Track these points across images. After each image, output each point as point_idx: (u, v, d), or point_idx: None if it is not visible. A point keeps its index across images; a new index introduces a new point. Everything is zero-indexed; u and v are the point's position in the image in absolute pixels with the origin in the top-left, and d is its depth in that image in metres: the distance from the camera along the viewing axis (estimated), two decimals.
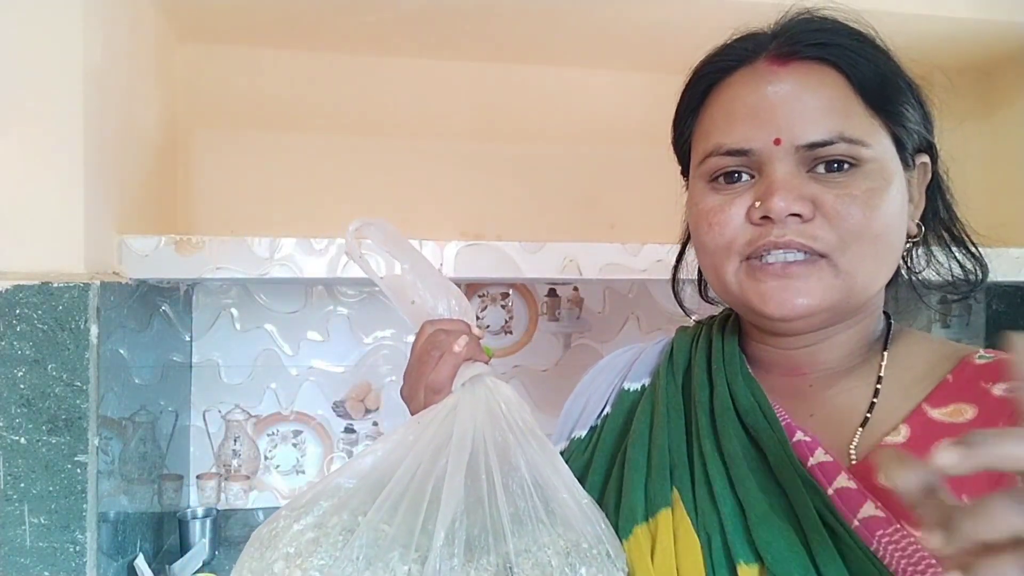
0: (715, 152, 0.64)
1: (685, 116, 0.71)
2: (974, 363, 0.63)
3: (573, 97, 1.81)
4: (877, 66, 0.63)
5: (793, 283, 0.61)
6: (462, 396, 0.65)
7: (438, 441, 0.61)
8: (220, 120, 1.68)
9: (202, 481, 1.66)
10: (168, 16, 1.50)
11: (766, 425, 0.64)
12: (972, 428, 0.58)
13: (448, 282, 0.72)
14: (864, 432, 0.62)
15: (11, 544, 1.04)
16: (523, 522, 0.58)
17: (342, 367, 1.75)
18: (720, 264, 0.65)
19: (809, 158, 0.61)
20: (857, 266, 0.61)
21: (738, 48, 0.67)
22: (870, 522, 0.56)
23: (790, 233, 0.60)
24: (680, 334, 0.80)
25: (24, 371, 1.05)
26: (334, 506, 0.58)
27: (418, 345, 0.70)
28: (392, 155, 1.75)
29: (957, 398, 0.61)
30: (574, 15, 1.50)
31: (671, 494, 0.65)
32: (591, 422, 0.79)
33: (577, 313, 1.85)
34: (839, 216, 0.60)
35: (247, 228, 1.65)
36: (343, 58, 1.72)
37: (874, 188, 0.61)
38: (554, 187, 1.80)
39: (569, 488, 0.62)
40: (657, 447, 0.68)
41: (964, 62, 1.79)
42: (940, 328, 1.94)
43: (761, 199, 0.61)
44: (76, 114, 1.08)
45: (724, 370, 0.70)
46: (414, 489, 0.58)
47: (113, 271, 1.21)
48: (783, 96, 0.62)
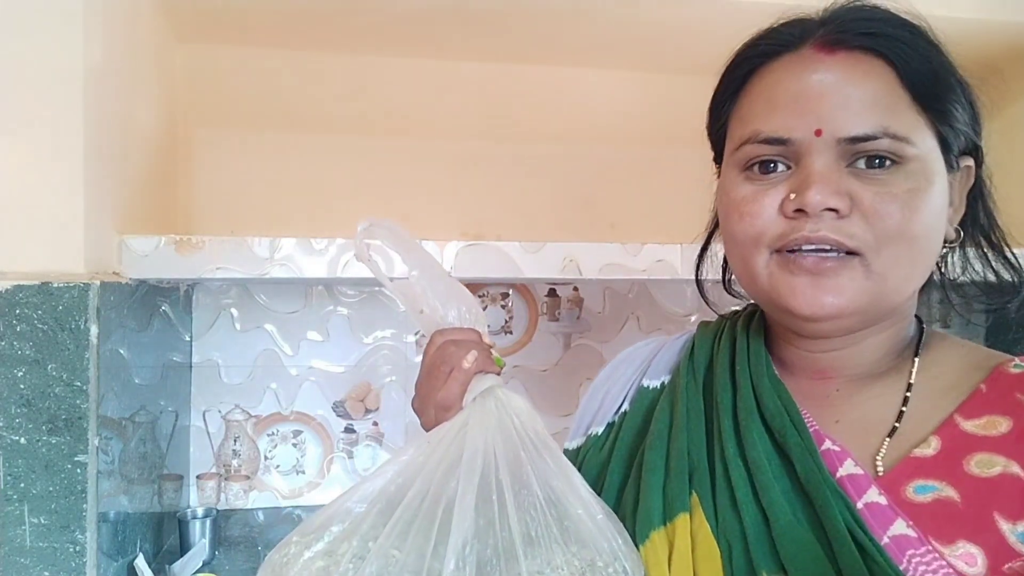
0: (752, 139, 0.62)
1: (723, 100, 0.68)
2: (1009, 372, 0.61)
3: (573, 97, 1.80)
4: (928, 61, 0.61)
5: (824, 280, 0.59)
6: (472, 412, 0.64)
7: (448, 461, 0.60)
8: (220, 120, 1.68)
9: (202, 481, 1.66)
10: (168, 16, 1.50)
11: (794, 431, 0.61)
12: (1006, 442, 0.56)
13: (459, 288, 0.71)
14: (892, 442, 0.60)
15: (11, 544, 1.04)
16: (536, 543, 0.57)
17: (342, 367, 1.75)
18: (749, 256, 0.63)
19: (850, 152, 0.59)
20: (890, 268, 0.59)
21: (784, 33, 0.64)
22: (901, 540, 0.54)
23: (824, 228, 0.58)
24: (702, 330, 0.77)
25: (24, 371, 1.05)
26: (344, 532, 0.58)
27: (428, 357, 0.68)
28: (392, 155, 1.75)
29: (991, 410, 0.59)
30: (575, 15, 1.50)
31: (690, 499, 0.63)
32: (609, 418, 0.77)
33: (577, 313, 1.85)
34: (877, 215, 0.57)
35: (247, 228, 1.65)
36: (343, 58, 1.71)
37: (915, 188, 0.58)
38: (554, 187, 1.80)
39: (584, 503, 0.60)
40: (676, 449, 0.66)
41: (966, 62, 1.78)
42: (940, 328, 1.94)
43: (797, 191, 0.59)
44: (76, 114, 1.08)
45: (749, 371, 0.67)
46: (424, 513, 0.58)
47: (113, 271, 1.21)
48: (828, 85, 0.59)
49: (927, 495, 0.56)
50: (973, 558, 0.53)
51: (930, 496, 0.56)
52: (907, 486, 0.57)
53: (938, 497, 0.56)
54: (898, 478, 0.58)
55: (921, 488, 0.57)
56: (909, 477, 0.57)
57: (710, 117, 0.71)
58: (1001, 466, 0.55)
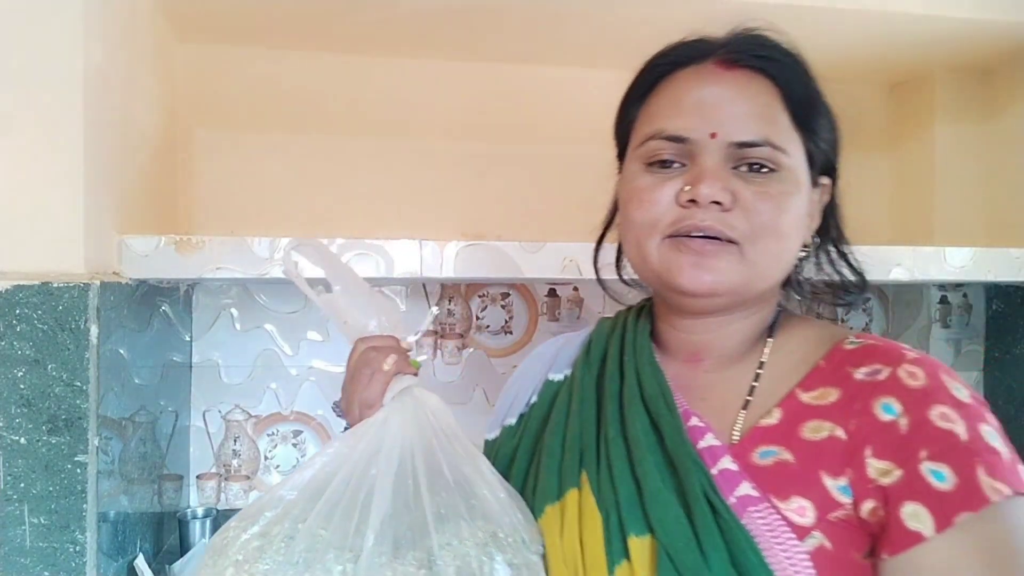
0: (656, 135, 0.71)
1: (633, 102, 0.78)
2: (844, 348, 0.71)
3: (573, 97, 1.80)
4: (806, 86, 0.71)
5: (706, 260, 0.68)
6: (392, 409, 0.71)
7: (369, 452, 0.68)
8: (220, 120, 1.68)
9: (202, 481, 1.66)
10: (168, 16, 1.50)
11: (666, 412, 0.71)
12: (834, 409, 0.66)
13: (379, 299, 0.78)
14: (745, 415, 0.70)
15: (11, 544, 1.04)
16: (445, 519, 0.65)
17: (342, 367, 1.73)
18: (644, 238, 0.72)
19: (737, 156, 0.68)
20: (761, 257, 0.69)
21: (691, 47, 0.74)
22: (744, 499, 0.64)
23: (710, 219, 0.67)
24: (599, 326, 0.87)
25: (24, 371, 1.05)
26: (277, 516, 0.65)
27: (351, 362, 0.77)
28: (392, 155, 1.75)
29: (825, 382, 0.69)
30: (574, 15, 1.50)
31: (580, 476, 0.72)
32: (520, 410, 0.86)
33: (577, 313, 1.85)
34: (754, 211, 0.67)
35: (247, 228, 1.65)
36: (343, 58, 1.72)
37: (786, 192, 0.69)
38: (554, 187, 1.80)
39: (488, 484, 0.69)
40: (571, 434, 0.75)
41: (964, 62, 1.79)
42: (940, 328, 1.94)
43: (691, 184, 0.68)
44: (76, 114, 1.08)
45: (634, 360, 0.77)
46: (348, 497, 0.65)
47: (113, 271, 1.21)
48: (724, 96, 0.69)
49: (769, 459, 0.66)
50: (804, 510, 0.63)
51: (771, 460, 0.66)
52: (754, 452, 0.67)
53: (777, 460, 0.66)
54: (747, 446, 0.68)
55: (764, 453, 0.67)
56: (756, 444, 0.68)
57: (618, 116, 0.81)
58: (828, 430, 0.65)
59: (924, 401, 0.63)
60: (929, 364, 0.66)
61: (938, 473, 0.60)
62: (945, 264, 1.49)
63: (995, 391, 1.93)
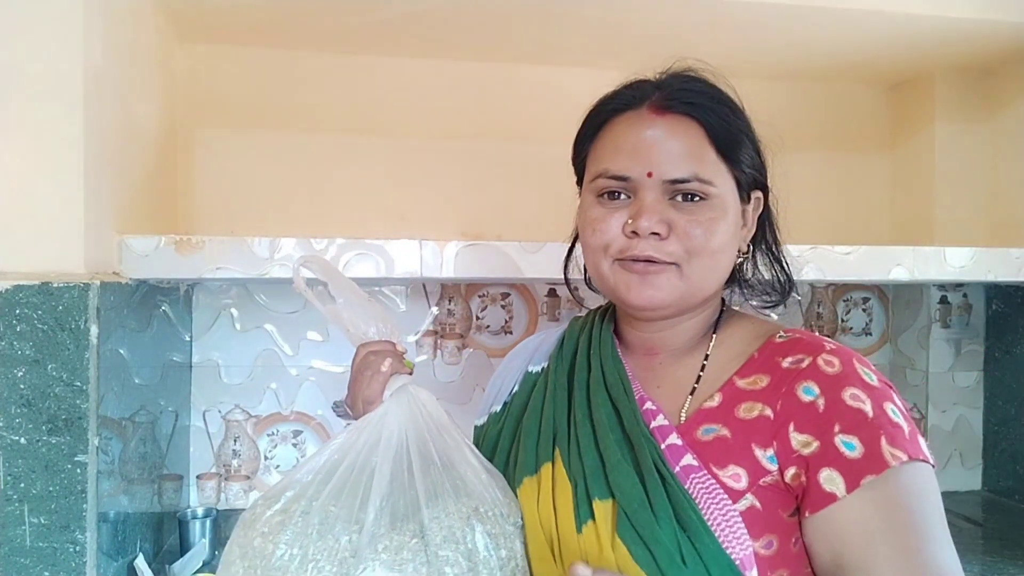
0: (603, 175, 0.83)
1: (583, 141, 0.91)
2: (775, 341, 0.83)
3: (573, 97, 1.79)
4: (728, 123, 0.81)
5: (649, 279, 0.80)
6: (390, 405, 0.82)
7: (371, 442, 0.80)
8: (220, 120, 1.68)
9: (202, 481, 1.66)
10: (168, 16, 1.51)
11: (625, 397, 0.83)
12: (764, 393, 0.78)
13: (377, 308, 0.89)
14: (692, 399, 0.82)
15: (11, 544, 1.04)
16: (435, 497, 0.77)
17: (342, 367, 1.75)
18: (599, 260, 0.84)
19: (671, 190, 0.80)
20: (697, 274, 0.80)
21: (627, 95, 0.85)
22: (687, 468, 0.76)
23: (650, 249, 0.79)
24: (572, 324, 1.00)
25: (24, 371, 1.05)
26: (295, 495, 0.77)
27: (355, 365, 0.87)
28: (392, 155, 1.75)
29: (757, 370, 0.81)
30: (574, 15, 1.50)
31: (554, 452, 0.84)
32: (504, 398, 0.98)
33: (577, 313, 1.85)
34: (687, 236, 0.79)
35: (247, 228, 1.65)
36: (343, 58, 1.72)
37: (714, 218, 0.80)
38: (554, 187, 1.79)
39: (472, 467, 0.81)
40: (545, 417, 0.88)
41: (964, 62, 1.79)
42: (940, 328, 1.94)
43: (633, 218, 0.80)
44: (76, 114, 1.08)
45: (599, 353, 0.90)
46: (353, 479, 0.77)
47: (113, 271, 1.21)
48: (657, 139, 0.80)
49: (710, 435, 0.78)
50: (739, 476, 0.75)
51: (712, 435, 0.78)
52: (698, 430, 0.79)
53: (717, 436, 0.78)
54: (692, 425, 0.80)
55: (707, 430, 0.79)
56: (699, 423, 0.80)
57: (573, 151, 0.95)
58: (759, 410, 0.77)
59: (839, 384, 0.75)
60: (844, 353, 0.79)
61: (849, 444, 0.72)
62: (945, 264, 1.49)
63: (995, 391, 1.93)
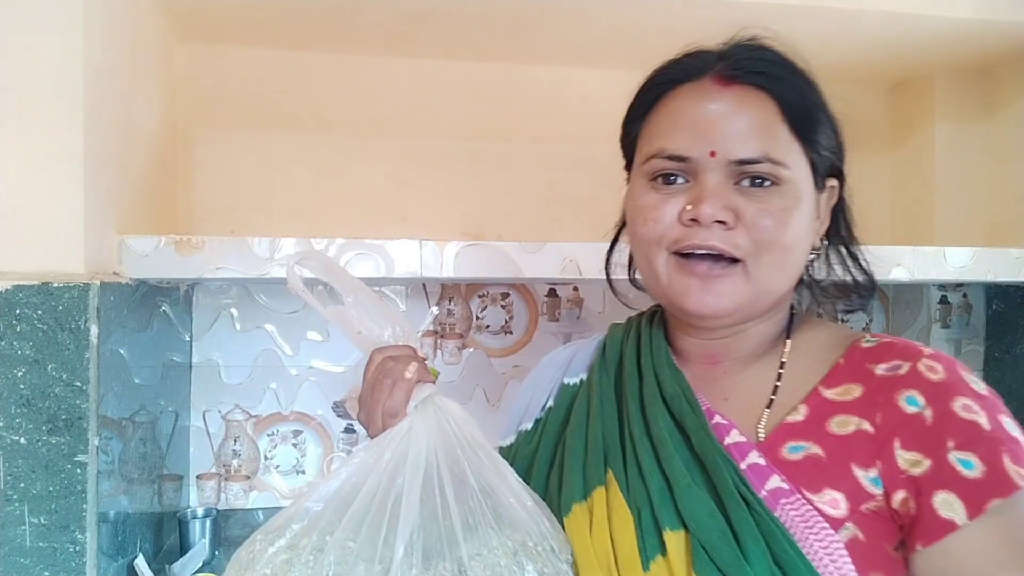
0: (658, 155, 0.72)
1: (634, 119, 0.78)
2: (861, 347, 0.72)
3: (573, 97, 1.80)
4: (804, 97, 0.71)
5: (711, 285, 0.70)
6: (415, 418, 0.71)
7: (396, 462, 0.67)
8: (220, 120, 1.68)
9: (202, 481, 1.66)
10: (168, 16, 1.50)
11: (689, 411, 0.71)
12: (858, 404, 0.67)
13: (391, 309, 0.78)
14: (770, 412, 0.72)
15: (11, 544, 1.04)
16: (474, 528, 0.64)
17: (342, 367, 1.75)
18: (651, 255, 0.73)
19: (737, 172, 0.69)
20: (766, 273, 0.70)
21: (687, 64, 0.74)
22: (776, 492, 0.65)
23: (713, 238, 0.69)
24: (612, 330, 0.88)
25: (24, 371, 1.05)
26: (304, 528, 0.64)
27: (369, 373, 0.76)
28: (392, 155, 1.75)
29: (847, 379, 0.70)
30: (574, 15, 1.50)
31: (605, 475, 0.73)
32: (536, 415, 0.87)
33: (577, 313, 1.85)
34: (757, 227, 0.68)
35: (247, 228, 1.65)
36: (343, 58, 1.72)
37: (788, 207, 0.69)
38: (554, 187, 1.80)
39: (515, 492, 0.69)
40: (593, 435, 0.76)
41: (964, 62, 1.79)
42: (940, 328, 1.94)
43: (693, 204, 0.69)
44: (76, 114, 1.08)
45: (652, 361, 0.78)
46: (375, 508, 0.64)
47: (113, 271, 1.21)
48: (722, 114, 0.69)
49: (798, 454, 0.67)
50: (836, 502, 0.64)
51: (801, 454, 0.67)
52: (782, 447, 0.68)
53: (807, 455, 0.67)
54: (775, 442, 0.69)
55: (794, 448, 0.68)
56: (784, 440, 0.69)
57: (623, 131, 0.82)
58: (855, 424, 0.67)
59: (946, 393, 0.65)
60: (945, 359, 0.68)
61: (966, 462, 0.61)
62: (945, 264, 1.49)
63: (995, 391, 1.93)
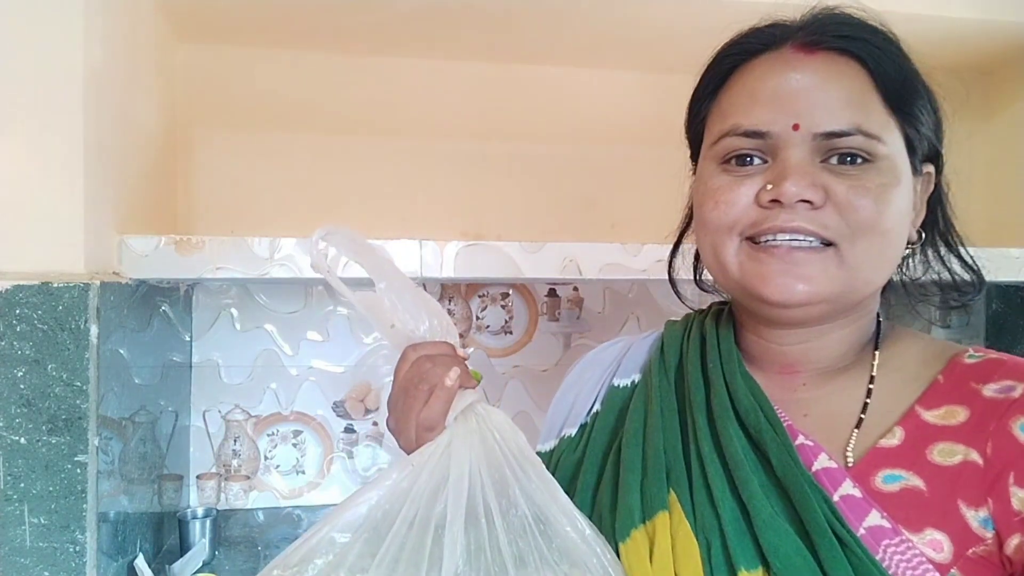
0: (732, 132, 0.63)
1: (704, 97, 0.69)
2: (964, 362, 0.63)
3: (573, 97, 1.80)
4: (899, 65, 0.63)
5: (796, 268, 0.60)
6: (455, 431, 0.62)
7: (434, 484, 0.58)
8: (220, 120, 1.68)
9: (202, 481, 1.66)
10: (168, 16, 1.50)
11: (769, 428, 0.62)
12: (964, 430, 0.58)
13: (427, 298, 0.67)
14: (859, 434, 0.62)
15: (11, 544, 1.04)
16: (526, 563, 0.56)
17: (342, 367, 1.75)
18: (720, 243, 0.64)
19: (825, 147, 0.60)
20: (863, 260, 0.60)
21: (765, 33, 0.65)
22: (876, 531, 0.56)
23: (799, 219, 0.59)
24: (670, 328, 0.78)
25: (24, 371, 1.05)
26: (330, 564, 0.55)
27: (401, 373, 0.66)
28: (392, 155, 1.75)
29: (949, 399, 0.61)
30: (575, 15, 1.50)
31: (668, 497, 0.63)
32: (581, 419, 0.78)
33: (577, 313, 1.85)
34: (851, 207, 0.59)
35: (247, 228, 1.65)
36: (343, 58, 1.71)
37: (886, 184, 0.60)
38: (554, 187, 1.80)
39: (570, 518, 0.60)
40: (652, 448, 0.67)
41: (964, 62, 1.79)
42: (940, 328, 1.94)
43: (773, 182, 0.60)
44: (76, 114, 1.08)
45: (722, 368, 0.68)
46: (413, 540, 0.55)
47: (113, 271, 1.21)
48: (806, 83, 0.61)
49: (895, 484, 0.58)
50: (940, 544, 0.55)
51: (898, 485, 0.58)
52: (876, 476, 0.59)
53: (905, 486, 0.58)
54: (867, 469, 0.59)
55: (889, 478, 0.58)
56: (877, 467, 0.59)
57: (689, 114, 0.72)
58: (961, 454, 0.57)
59: None
60: None
61: None
62: None
63: None
